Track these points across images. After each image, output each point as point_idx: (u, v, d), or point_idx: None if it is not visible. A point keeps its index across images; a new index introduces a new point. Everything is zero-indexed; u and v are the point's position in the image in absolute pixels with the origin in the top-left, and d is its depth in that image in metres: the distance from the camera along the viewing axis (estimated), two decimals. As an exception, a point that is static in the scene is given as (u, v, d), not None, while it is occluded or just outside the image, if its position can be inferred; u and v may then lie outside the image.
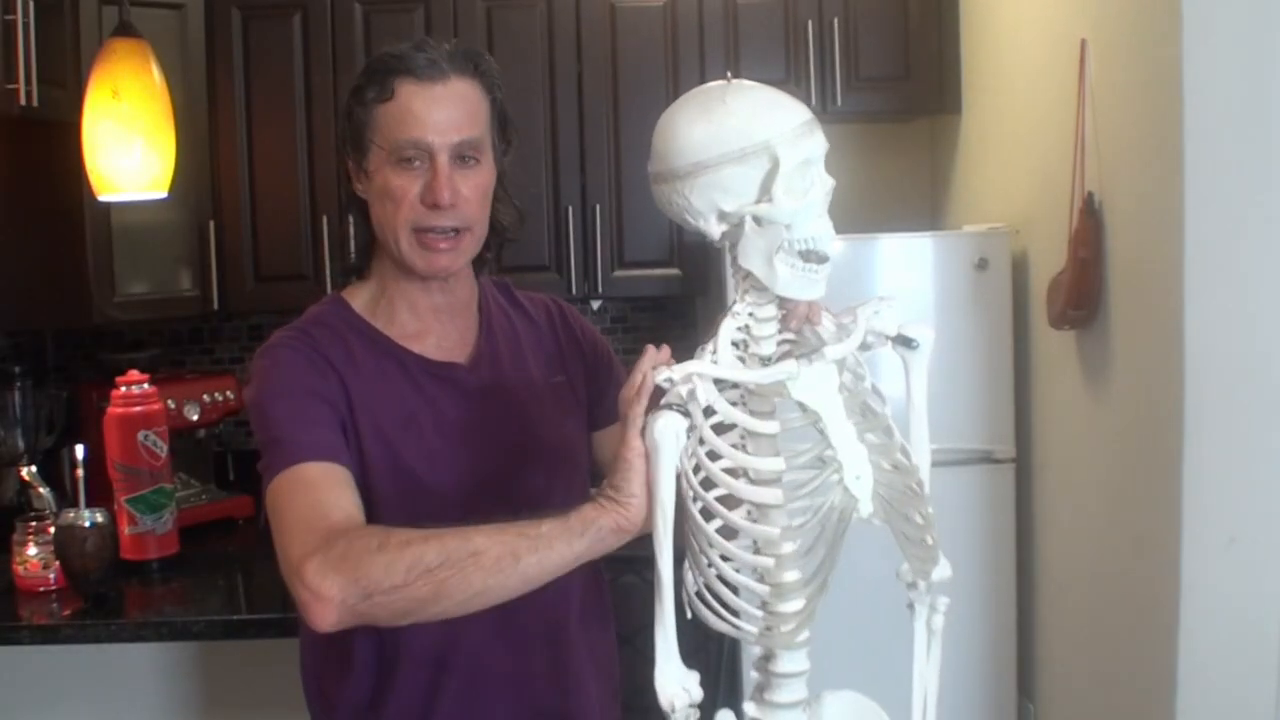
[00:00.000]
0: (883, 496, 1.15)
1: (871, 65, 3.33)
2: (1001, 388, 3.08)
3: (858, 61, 3.32)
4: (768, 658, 1.18)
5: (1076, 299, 2.59)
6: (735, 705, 1.19)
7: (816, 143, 1.13)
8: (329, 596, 1.17)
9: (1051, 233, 2.79)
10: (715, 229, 1.14)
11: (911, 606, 1.26)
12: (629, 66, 3.30)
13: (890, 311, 1.20)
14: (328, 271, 3.22)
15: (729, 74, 1.18)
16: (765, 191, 1.10)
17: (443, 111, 1.41)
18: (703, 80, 1.25)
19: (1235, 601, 2.23)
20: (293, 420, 1.38)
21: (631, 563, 2.30)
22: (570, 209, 3.32)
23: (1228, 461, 2.22)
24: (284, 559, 1.25)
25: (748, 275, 1.15)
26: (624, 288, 3.38)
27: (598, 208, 3.32)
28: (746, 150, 1.10)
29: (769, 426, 1.13)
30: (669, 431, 1.08)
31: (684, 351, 1.15)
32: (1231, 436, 2.21)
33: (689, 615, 1.19)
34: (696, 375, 1.11)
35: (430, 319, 1.51)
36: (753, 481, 1.12)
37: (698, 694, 1.11)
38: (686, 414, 1.09)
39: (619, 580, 2.24)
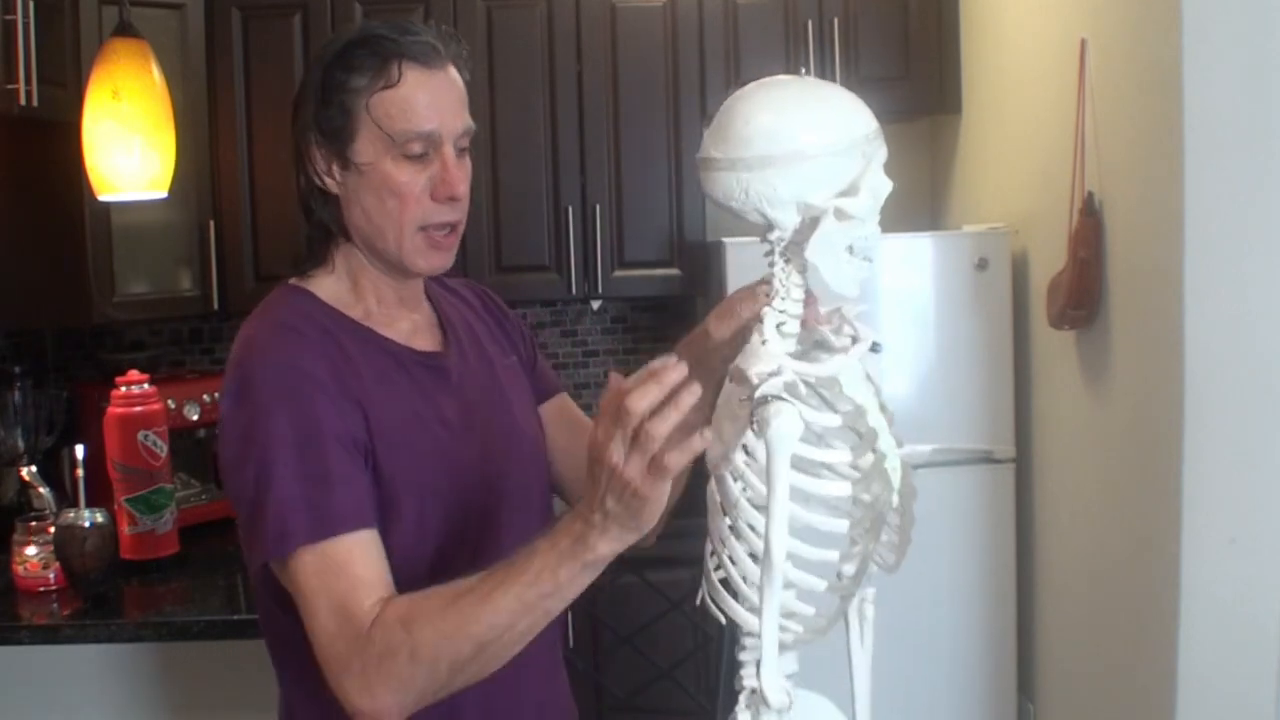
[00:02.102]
0: (898, 489, 1.16)
1: (871, 65, 3.33)
2: (1001, 388, 3.08)
3: (858, 61, 3.32)
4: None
5: (1076, 299, 2.59)
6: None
7: (884, 146, 1.14)
8: (384, 710, 1.18)
9: (1051, 233, 2.79)
10: (792, 220, 1.13)
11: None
12: (629, 66, 3.29)
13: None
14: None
15: (803, 69, 1.19)
16: (853, 187, 1.10)
17: (447, 100, 1.35)
18: (703, 80, 1.25)
19: (1235, 601, 2.23)
20: (316, 477, 1.27)
21: (631, 563, 2.30)
22: (570, 209, 3.31)
23: (1228, 461, 2.22)
24: (320, 656, 1.23)
25: (792, 273, 1.14)
26: (624, 288, 3.38)
27: (598, 208, 3.32)
28: (850, 144, 1.10)
29: (832, 420, 1.13)
30: (798, 425, 1.05)
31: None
32: (1231, 436, 2.21)
33: (698, 602, 1.18)
34: (784, 365, 1.09)
35: (396, 309, 1.45)
36: (821, 476, 1.12)
37: (791, 693, 1.10)
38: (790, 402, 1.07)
39: (618, 580, 2.24)
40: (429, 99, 1.34)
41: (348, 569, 1.25)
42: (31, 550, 2.52)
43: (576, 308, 3.67)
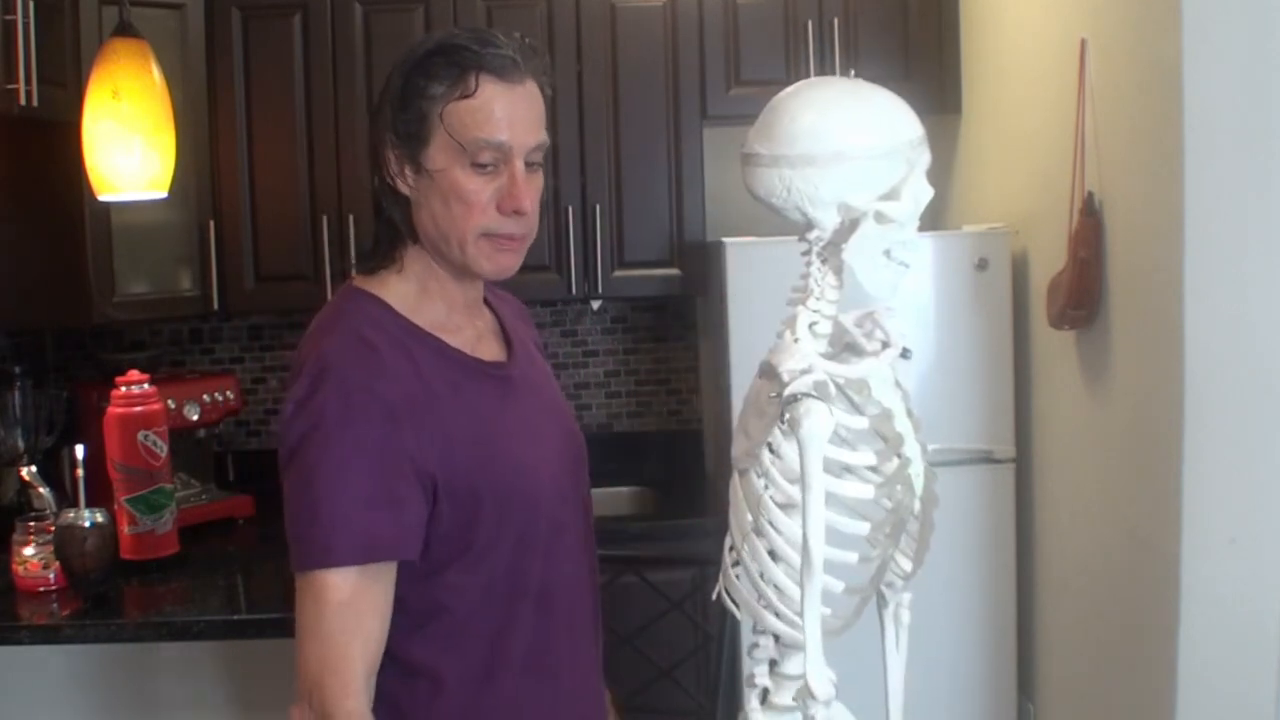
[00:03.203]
0: (920, 495, 1.16)
1: (871, 65, 3.32)
2: (1001, 388, 3.08)
3: (858, 61, 3.31)
4: (776, 661, 1.19)
5: (1076, 299, 2.59)
6: (733, 712, 1.19)
7: (928, 152, 1.14)
8: None
9: (1051, 233, 2.79)
10: (832, 220, 1.13)
11: (882, 600, 1.26)
12: (629, 66, 3.29)
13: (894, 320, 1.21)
14: (328, 271, 3.22)
15: (852, 71, 1.19)
16: (895, 191, 1.10)
17: (522, 114, 1.38)
18: (703, 80, 1.25)
19: (1235, 601, 2.22)
20: (370, 500, 1.30)
21: (631, 563, 2.30)
22: (570, 209, 3.31)
23: (1228, 461, 2.21)
24: (300, 670, 1.32)
25: (828, 273, 1.14)
26: (624, 288, 3.38)
27: (598, 208, 3.32)
28: (893, 147, 1.10)
29: (859, 422, 1.13)
30: (830, 424, 1.04)
31: (681, 353, 1.14)
32: (1231, 436, 2.21)
33: (714, 596, 1.19)
34: (815, 364, 1.10)
35: (463, 314, 1.48)
36: (844, 478, 1.11)
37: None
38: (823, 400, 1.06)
39: (619, 580, 2.25)
40: (503, 111, 1.36)
41: (360, 613, 1.31)
42: (31, 550, 2.52)
43: (576, 308, 3.67)
